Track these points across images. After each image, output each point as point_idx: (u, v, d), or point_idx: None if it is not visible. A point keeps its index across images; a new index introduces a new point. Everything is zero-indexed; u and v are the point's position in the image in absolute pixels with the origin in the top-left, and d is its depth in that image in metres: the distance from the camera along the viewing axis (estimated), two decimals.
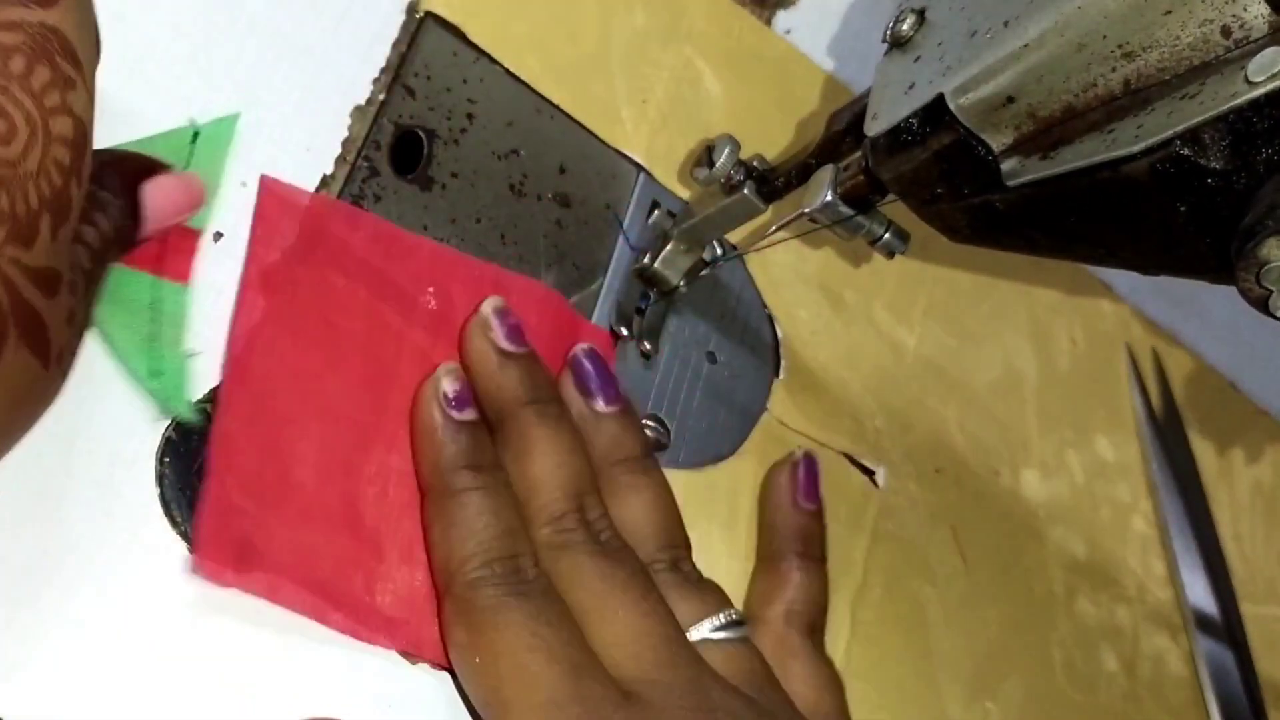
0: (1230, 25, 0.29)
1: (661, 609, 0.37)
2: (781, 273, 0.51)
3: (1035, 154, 0.33)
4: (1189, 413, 0.61)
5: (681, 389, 0.46)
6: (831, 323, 0.51)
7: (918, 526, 0.51)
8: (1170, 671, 0.55)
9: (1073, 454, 0.57)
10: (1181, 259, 0.31)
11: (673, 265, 0.46)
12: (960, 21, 0.35)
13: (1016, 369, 0.56)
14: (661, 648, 0.36)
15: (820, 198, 0.40)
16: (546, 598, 0.36)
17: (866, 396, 0.51)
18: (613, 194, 0.47)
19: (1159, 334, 0.62)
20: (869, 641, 0.47)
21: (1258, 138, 0.28)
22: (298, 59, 0.41)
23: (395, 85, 0.43)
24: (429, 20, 0.44)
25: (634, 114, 0.48)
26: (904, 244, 0.42)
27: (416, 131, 0.43)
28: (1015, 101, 0.33)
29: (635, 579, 0.37)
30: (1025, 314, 0.58)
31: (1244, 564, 0.59)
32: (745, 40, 0.52)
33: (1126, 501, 0.58)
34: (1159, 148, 0.29)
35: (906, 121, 0.35)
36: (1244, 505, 0.61)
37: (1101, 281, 0.61)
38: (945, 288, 0.55)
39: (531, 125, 0.45)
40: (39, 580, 0.32)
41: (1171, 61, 0.30)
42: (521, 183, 0.45)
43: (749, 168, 0.43)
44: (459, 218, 0.43)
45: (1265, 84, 0.28)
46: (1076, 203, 0.32)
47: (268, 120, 0.39)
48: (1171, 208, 0.30)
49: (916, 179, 0.36)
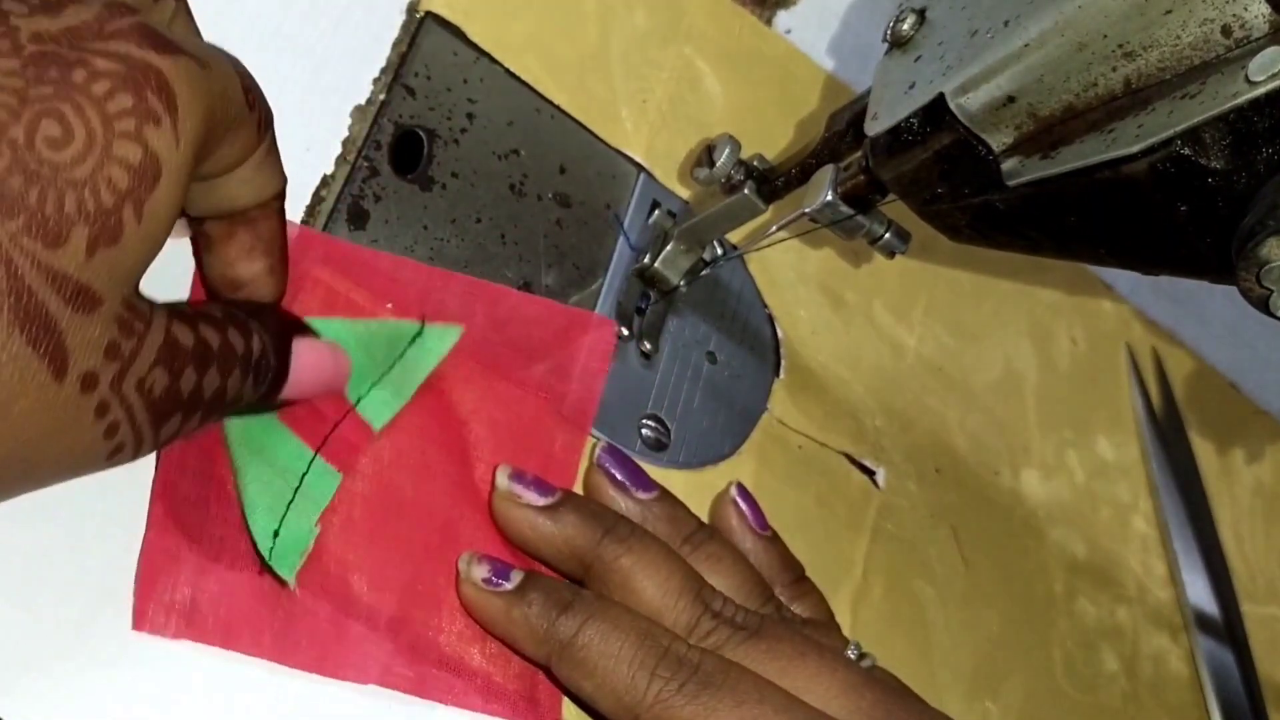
0: (1230, 25, 0.29)
1: (839, 657, 0.38)
2: (781, 273, 0.51)
3: (1035, 154, 0.33)
4: (1189, 413, 0.61)
5: (681, 389, 0.46)
6: (831, 323, 0.51)
7: (918, 526, 0.51)
8: (1170, 671, 0.55)
9: (1073, 454, 0.57)
10: (1181, 259, 0.31)
11: (673, 265, 0.46)
12: (960, 21, 0.35)
13: (1016, 369, 0.56)
14: (863, 689, 0.37)
15: (820, 198, 0.40)
16: (727, 668, 0.36)
17: (866, 396, 0.51)
18: (613, 194, 0.47)
19: (1159, 334, 0.62)
20: (869, 641, 0.47)
21: (1258, 137, 0.28)
22: (298, 59, 0.41)
23: (395, 85, 0.43)
24: (429, 20, 0.44)
25: (634, 114, 0.48)
26: (904, 244, 0.42)
27: (416, 131, 0.43)
28: (1015, 101, 0.33)
29: (796, 641, 0.38)
30: (1025, 314, 0.58)
31: (1244, 564, 0.59)
32: (745, 40, 0.53)
33: (1126, 501, 0.58)
34: (1159, 147, 0.29)
35: (907, 121, 0.35)
36: (1244, 505, 0.61)
37: (1101, 281, 0.61)
38: (945, 288, 0.55)
39: (531, 125, 0.45)
40: (39, 581, 0.32)
41: (1172, 61, 0.30)
42: (521, 183, 0.45)
43: (749, 168, 0.43)
44: (459, 218, 0.43)
45: (1265, 83, 0.28)
46: (1076, 203, 0.32)
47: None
48: (1171, 208, 0.30)
49: (916, 179, 0.36)
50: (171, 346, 0.28)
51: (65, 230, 0.25)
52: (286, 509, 0.35)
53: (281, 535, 0.35)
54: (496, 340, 0.41)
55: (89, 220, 0.25)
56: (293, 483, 0.36)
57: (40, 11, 0.26)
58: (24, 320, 0.24)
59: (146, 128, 0.26)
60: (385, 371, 0.38)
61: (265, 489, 0.35)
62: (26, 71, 0.25)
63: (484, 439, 0.40)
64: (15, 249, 0.24)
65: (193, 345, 0.29)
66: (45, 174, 0.25)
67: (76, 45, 0.26)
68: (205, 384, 0.29)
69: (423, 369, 0.39)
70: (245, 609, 0.35)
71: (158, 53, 0.26)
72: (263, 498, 0.35)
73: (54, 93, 0.25)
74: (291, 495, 0.36)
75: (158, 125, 0.26)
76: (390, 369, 0.38)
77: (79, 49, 0.26)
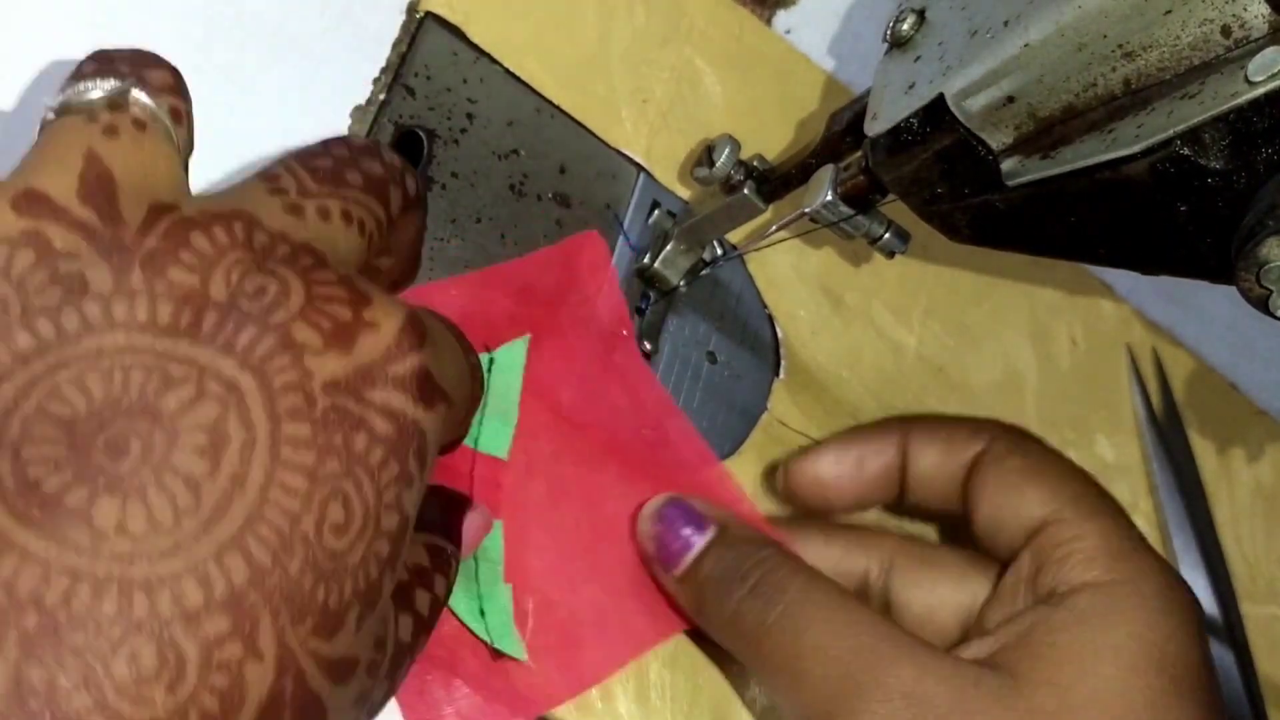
0: (1230, 25, 0.29)
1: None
2: (781, 273, 0.51)
3: (1035, 154, 0.33)
4: (1189, 413, 0.60)
5: (681, 389, 0.46)
6: (831, 323, 0.51)
7: (918, 527, 0.51)
8: None
9: (1073, 454, 0.56)
10: (1181, 259, 0.31)
11: (673, 265, 0.46)
12: (960, 21, 0.35)
13: (1016, 369, 0.56)
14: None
15: (820, 198, 0.40)
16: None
17: (866, 396, 0.51)
18: (613, 194, 0.47)
19: (1159, 334, 0.62)
20: None
21: (1258, 137, 0.28)
22: (298, 59, 0.41)
23: (395, 85, 0.43)
24: (429, 20, 0.44)
25: (634, 114, 0.48)
26: (904, 244, 0.42)
27: (416, 131, 0.43)
28: (1015, 101, 0.33)
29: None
30: (1025, 314, 0.58)
31: (1244, 564, 0.59)
32: (745, 40, 0.52)
33: (1126, 501, 0.57)
34: (1159, 147, 0.29)
35: (907, 121, 0.35)
36: (1244, 505, 0.61)
37: (1101, 281, 0.61)
38: (945, 288, 0.55)
39: (531, 125, 0.45)
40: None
41: (1171, 61, 0.30)
42: (521, 183, 0.45)
43: (749, 168, 0.43)
44: (459, 218, 0.43)
45: (1265, 84, 0.28)
46: (1076, 203, 0.32)
47: (268, 120, 0.39)
48: (1171, 208, 0.30)
49: (917, 179, 0.36)
50: (398, 653, 0.28)
51: (343, 617, 0.24)
52: (477, 582, 0.36)
53: (486, 611, 0.36)
54: (527, 314, 0.42)
55: (360, 598, 0.24)
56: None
57: (335, 345, 0.25)
58: (298, 713, 0.24)
59: (405, 494, 0.25)
60: (484, 406, 0.39)
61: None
62: (317, 440, 0.24)
63: (578, 406, 0.42)
64: (304, 653, 0.23)
65: (411, 635, 0.29)
66: (331, 568, 0.24)
67: (361, 397, 0.25)
68: (412, 661, 0.29)
69: (514, 388, 0.40)
70: (505, 692, 0.37)
71: (425, 408, 0.26)
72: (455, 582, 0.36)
73: (340, 470, 0.24)
74: (474, 564, 0.37)
75: (411, 487, 0.25)
76: (487, 403, 0.39)
77: (363, 401, 0.25)
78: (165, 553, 0.22)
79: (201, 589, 0.22)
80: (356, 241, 0.28)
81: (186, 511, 0.22)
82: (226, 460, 0.23)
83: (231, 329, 0.24)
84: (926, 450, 0.43)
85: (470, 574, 0.37)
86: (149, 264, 0.24)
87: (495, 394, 0.40)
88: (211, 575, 0.22)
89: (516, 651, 0.37)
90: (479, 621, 0.36)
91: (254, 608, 0.22)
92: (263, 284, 0.24)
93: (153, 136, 0.25)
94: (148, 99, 0.26)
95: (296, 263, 0.25)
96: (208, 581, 0.22)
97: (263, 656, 0.22)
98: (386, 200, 0.29)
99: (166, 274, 0.24)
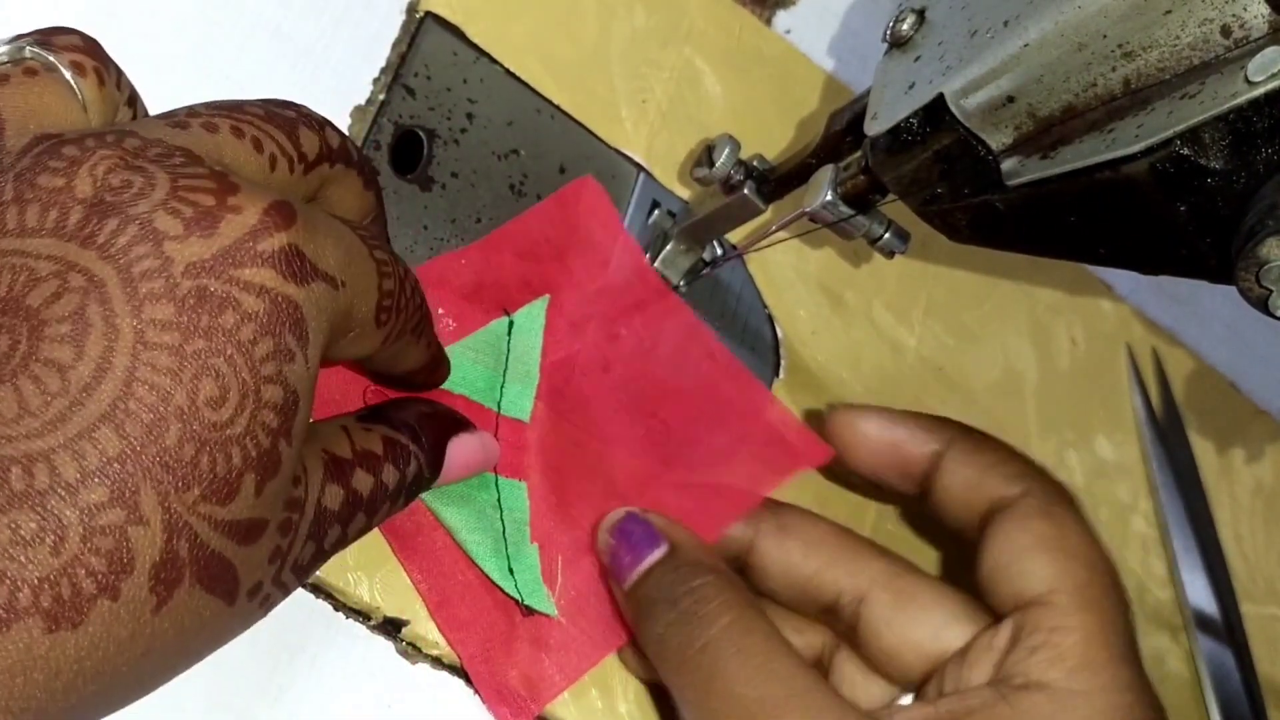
0: (1230, 25, 0.29)
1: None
2: (781, 273, 0.51)
3: (1035, 154, 0.33)
4: (1189, 413, 0.60)
5: None
6: (831, 323, 0.51)
7: (918, 527, 0.51)
8: (1170, 671, 0.55)
9: (1073, 454, 0.57)
10: (1181, 259, 0.31)
11: (673, 265, 0.46)
12: (960, 21, 0.35)
13: (1016, 369, 0.56)
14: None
15: (820, 198, 0.40)
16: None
17: (866, 396, 0.51)
18: (613, 194, 0.47)
19: (1159, 334, 0.62)
20: None
21: (1258, 137, 0.28)
22: (298, 59, 0.41)
23: (395, 85, 0.43)
24: (429, 20, 0.44)
25: (634, 114, 0.48)
26: (904, 244, 0.42)
27: (416, 131, 0.43)
28: (1015, 101, 0.33)
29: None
30: (1025, 314, 0.58)
31: (1244, 564, 0.59)
32: (745, 40, 0.53)
33: (1126, 501, 0.58)
34: (1159, 147, 0.29)
35: (906, 121, 0.35)
36: (1244, 505, 0.61)
37: (1101, 281, 0.61)
38: (945, 288, 0.55)
39: (531, 125, 0.45)
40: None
41: (1171, 61, 0.30)
42: (521, 183, 0.45)
43: (749, 168, 0.43)
44: (459, 218, 0.43)
45: (1265, 83, 0.28)
46: (1076, 203, 0.32)
47: None
48: (1171, 208, 0.30)
49: (916, 179, 0.36)
50: (320, 517, 0.29)
51: (236, 483, 0.25)
52: (505, 541, 0.37)
53: (515, 570, 0.37)
54: (539, 271, 0.42)
55: (253, 466, 0.25)
56: (493, 512, 0.38)
57: (196, 230, 0.25)
58: (204, 576, 0.25)
59: (286, 368, 0.26)
60: (504, 370, 0.40)
61: (478, 532, 0.37)
62: (181, 319, 0.25)
63: (607, 354, 0.43)
64: (194, 517, 0.25)
65: (340, 505, 0.30)
66: (212, 437, 0.25)
67: (226, 276, 0.25)
68: (350, 531, 0.31)
69: (534, 349, 0.41)
70: (561, 644, 0.38)
71: (297, 283, 0.26)
72: (483, 544, 0.37)
73: (208, 347, 0.25)
74: (500, 524, 0.38)
75: (292, 361, 0.26)
76: (507, 366, 0.40)
77: (229, 280, 0.25)
78: (36, 432, 0.23)
79: (75, 461, 0.23)
80: (251, 156, 0.29)
81: (56, 395, 0.24)
82: (90, 346, 0.24)
83: (95, 223, 0.25)
84: (963, 468, 0.42)
85: (498, 533, 0.37)
86: (20, 177, 0.26)
87: (515, 357, 0.40)
88: (84, 450, 0.23)
89: (547, 608, 0.38)
90: (509, 580, 0.37)
91: (131, 476, 0.24)
92: (128, 179, 0.26)
93: (43, 82, 0.28)
94: (42, 52, 0.28)
95: (167, 160, 0.26)
96: (81, 455, 0.23)
97: (148, 521, 0.24)
98: (295, 137, 0.30)
99: (35, 181, 0.26)
